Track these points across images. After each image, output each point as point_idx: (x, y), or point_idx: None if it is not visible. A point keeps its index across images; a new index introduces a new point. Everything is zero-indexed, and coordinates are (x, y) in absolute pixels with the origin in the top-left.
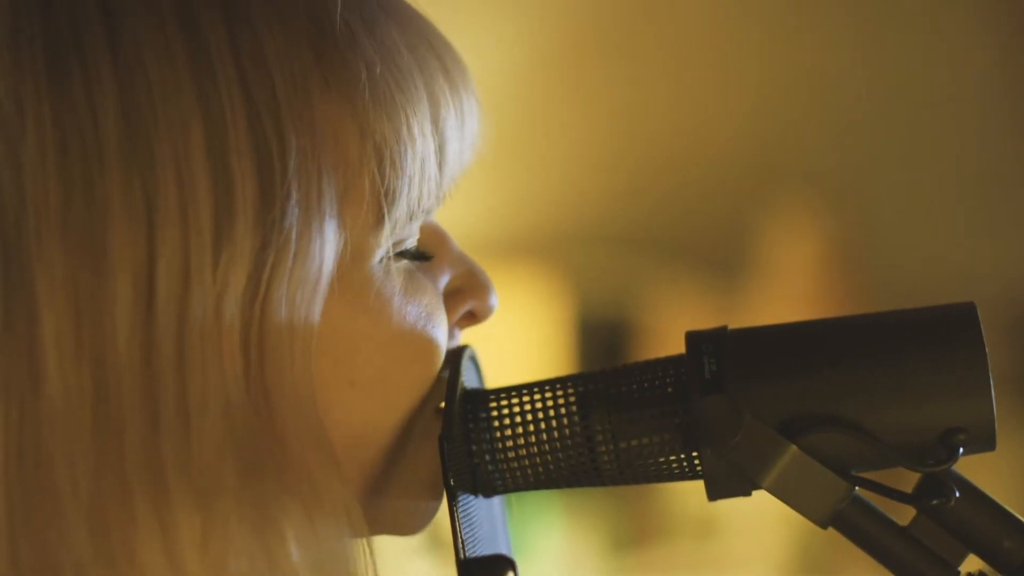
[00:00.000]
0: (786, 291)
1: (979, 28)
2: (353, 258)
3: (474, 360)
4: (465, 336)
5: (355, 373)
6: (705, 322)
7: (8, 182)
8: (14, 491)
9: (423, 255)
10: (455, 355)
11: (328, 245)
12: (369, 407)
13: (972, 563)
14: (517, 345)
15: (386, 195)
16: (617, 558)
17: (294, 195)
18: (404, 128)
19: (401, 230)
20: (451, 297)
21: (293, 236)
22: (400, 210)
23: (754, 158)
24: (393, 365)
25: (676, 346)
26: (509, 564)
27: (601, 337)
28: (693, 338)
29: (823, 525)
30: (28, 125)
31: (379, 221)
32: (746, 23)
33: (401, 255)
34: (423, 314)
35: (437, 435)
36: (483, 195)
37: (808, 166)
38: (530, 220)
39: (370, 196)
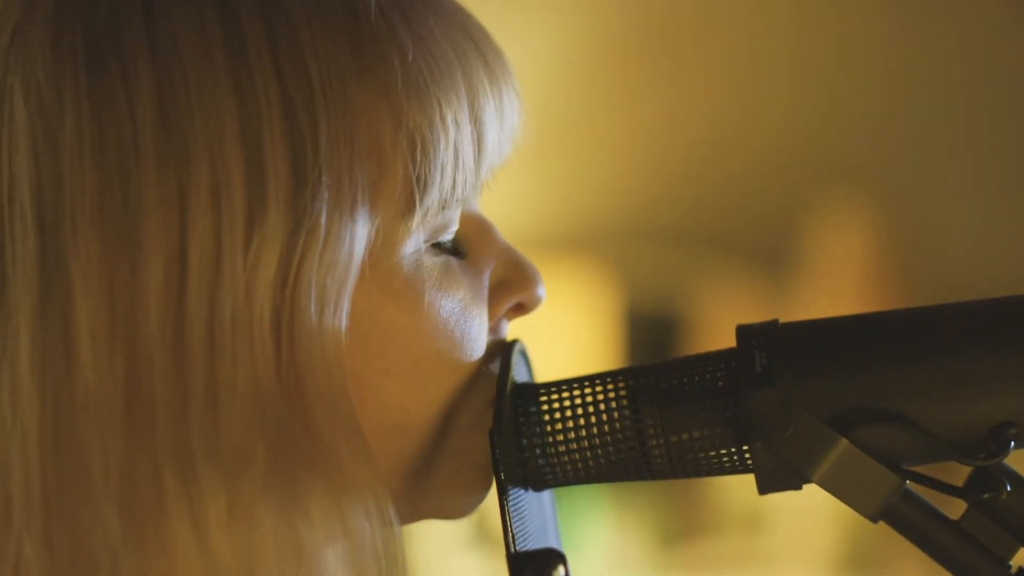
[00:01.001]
0: (834, 285)
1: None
2: (384, 246)
3: (524, 354)
4: (514, 330)
5: (390, 362)
6: (753, 316)
7: (47, 170)
8: (49, 474)
9: (460, 251)
10: (505, 349)
11: (359, 232)
12: (405, 396)
13: (1023, 557)
14: (566, 339)
15: (418, 182)
16: (665, 552)
17: (325, 181)
18: (438, 117)
19: (433, 219)
20: (497, 289)
21: (323, 222)
22: (432, 198)
23: (800, 152)
24: (427, 357)
25: (724, 340)
26: (559, 558)
27: (649, 331)
28: (744, 332)
29: (873, 519)
30: (67, 115)
31: (410, 209)
32: (789, 19)
33: (438, 248)
34: (457, 308)
35: (486, 428)
36: (532, 190)
37: (855, 159)
38: (579, 216)
39: (402, 184)
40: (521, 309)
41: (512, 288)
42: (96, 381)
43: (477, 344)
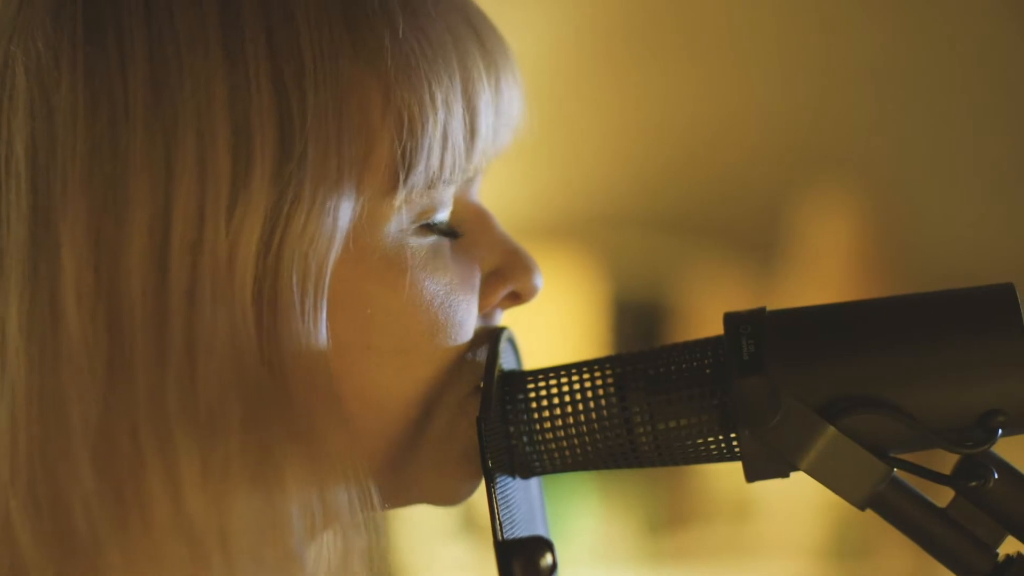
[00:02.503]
0: (821, 273)
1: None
2: (368, 221)
3: (512, 342)
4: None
5: (372, 338)
6: (741, 304)
7: (41, 132)
8: (33, 429)
9: (453, 231)
10: (493, 337)
11: (343, 206)
12: (388, 374)
13: (1011, 545)
14: (554, 327)
15: (403, 160)
16: (653, 540)
17: (311, 154)
18: (427, 96)
19: (419, 198)
20: (492, 277)
21: (307, 194)
22: (417, 177)
23: (788, 140)
24: (409, 336)
25: (712, 328)
26: (547, 545)
27: (637, 319)
28: (731, 319)
29: (861, 506)
30: (63, 79)
31: (395, 186)
32: (777, 9)
33: (428, 230)
34: (442, 291)
35: (473, 414)
36: (520, 178)
37: (842, 147)
38: (567, 203)
39: (388, 160)
40: (517, 299)
41: (507, 276)
42: (80, 338)
43: (462, 329)
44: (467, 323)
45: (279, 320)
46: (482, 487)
